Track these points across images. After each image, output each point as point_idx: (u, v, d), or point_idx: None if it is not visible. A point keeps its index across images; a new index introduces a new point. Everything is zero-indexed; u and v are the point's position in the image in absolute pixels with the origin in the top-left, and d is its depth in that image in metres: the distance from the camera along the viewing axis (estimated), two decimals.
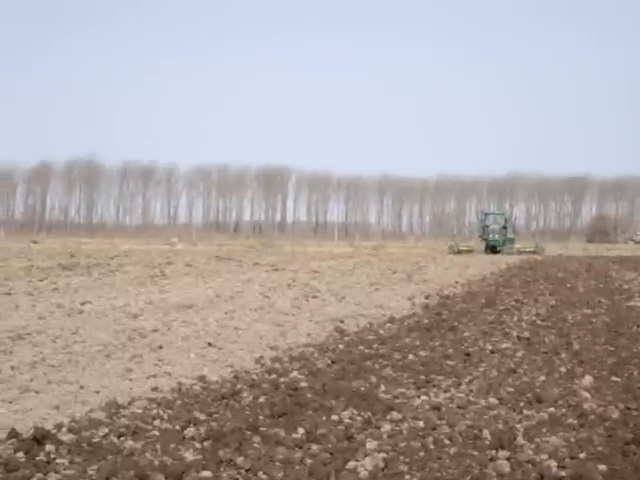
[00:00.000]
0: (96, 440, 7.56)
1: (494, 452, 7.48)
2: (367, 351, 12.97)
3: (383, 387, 10.19)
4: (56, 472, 6.72)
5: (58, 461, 6.99)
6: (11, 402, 9.06)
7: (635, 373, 11.37)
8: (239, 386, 10.09)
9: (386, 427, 8.32)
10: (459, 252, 60.60)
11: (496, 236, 63.42)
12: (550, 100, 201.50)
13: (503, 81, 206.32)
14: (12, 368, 10.78)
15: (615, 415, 8.86)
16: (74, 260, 35.52)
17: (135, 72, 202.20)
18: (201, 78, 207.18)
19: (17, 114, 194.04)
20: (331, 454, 7.32)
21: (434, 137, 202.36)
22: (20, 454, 7.08)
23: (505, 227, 64.89)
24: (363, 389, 9.96)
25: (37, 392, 9.60)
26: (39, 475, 6.63)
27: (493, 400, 9.58)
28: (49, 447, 7.26)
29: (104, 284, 24.03)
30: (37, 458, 7.02)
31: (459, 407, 9.30)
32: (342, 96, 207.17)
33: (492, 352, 13.14)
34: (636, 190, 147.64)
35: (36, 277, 25.70)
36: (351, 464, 7.05)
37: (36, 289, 21.58)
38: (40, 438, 7.41)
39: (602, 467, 7.01)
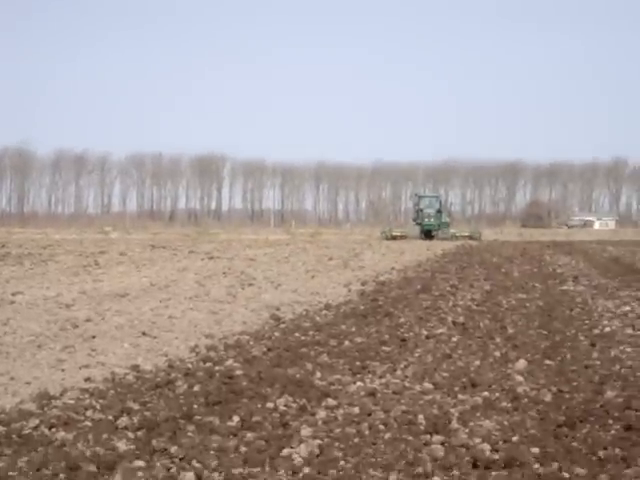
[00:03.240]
0: (26, 431, 7.45)
1: (429, 437, 7.50)
2: (303, 338, 12.95)
3: (319, 374, 10.17)
4: None
5: None
6: None
7: (568, 356, 11.49)
8: (173, 375, 10.01)
9: (321, 414, 8.31)
10: (393, 238, 59.74)
11: (431, 220, 62.15)
12: (485, 85, 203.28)
13: (438, 66, 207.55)
14: None
15: (548, 398, 8.95)
16: (5, 250, 35.09)
17: (69, 57, 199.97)
18: (134, 63, 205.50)
19: None
20: (266, 441, 7.28)
21: (370, 123, 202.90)
22: None
23: (440, 211, 63.62)
24: (298, 376, 9.94)
25: None
26: None
27: (428, 385, 9.61)
28: None
29: (36, 274, 23.75)
30: None
31: (394, 393, 9.32)
32: (276, 82, 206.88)
33: (427, 337, 13.19)
34: (569, 175, 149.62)
35: None
36: (286, 451, 7.02)
37: None
38: None
39: (535, 450, 7.06)
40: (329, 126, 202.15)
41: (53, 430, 7.56)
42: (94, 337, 12.83)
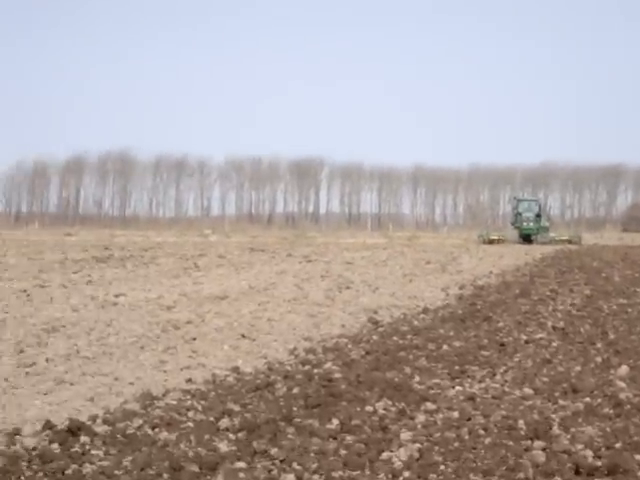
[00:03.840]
0: (131, 431, 7.60)
1: (529, 442, 7.43)
2: (401, 342, 12.94)
3: (417, 378, 10.16)
4: (91, 463, 6.75)
5: (93, 452, 7.02)
6: (46, 394, 9.11)
7: None
8: (273, 377, 10.10)
9: (420, 418, 8.30)
10: (490, 242, 58.63)
11: (530, 224, 60.47)
12: (584, 88, 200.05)
13: (536, 69, 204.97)
14: (47, 360, 10.85)
15: None
16: (108, 252, 35.65)
17: (167, 65, 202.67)
18: (230, 67, 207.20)
19: (51, 108, 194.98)
20: (365, 445, 7.30)
21: (466, 126, 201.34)
22: (55, 445, 7.12)
23: (539, 215, 61.70)
24: (397, 380, 9.93)
25: (72, 384, 9.65)
26: (74, 466, 6.65)
27: (528, 390, 9.53)
28: (84, 438, 7.30)
29: (138, 276, 24.11)
30: (72, 449, 7.05)
31: (494, 397, 9.27)
32: (376, 86, 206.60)
33: (527, 342, 13.07)
34: None
35: (70, 269, 25.81)
36: (385, 455, 7.04)
37: (70, 281, 21.67)
38: (75, 430, 7.45)
39: (638, 457, 6.95)
40: (426, 129, 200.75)
41: (156, 430, 7.70)
42: (195, 339, 13.00)
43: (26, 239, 55.39)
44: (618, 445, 7.35)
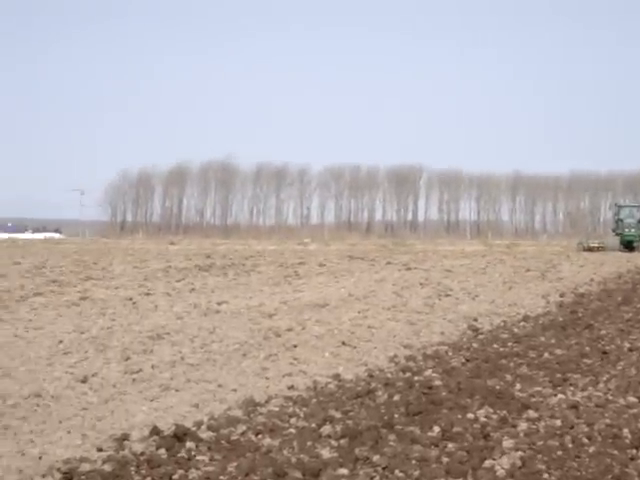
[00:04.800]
0: (235, 438, 7.72)
1: (634, 451, 7.36)
2: (502, 349, 12.88)
3: (519, 385, 10.12)
4: (197, 469, 6.87)
5: (198, 458, 7.14)
6: (152, 400, 9.30)
7: None
8: (374, 384, 10.15)
9: (522, 426, 8.26)
10: (589, 249, 57.33)
11: (632, 230, 58.99)
12: None
13: (633, 74, 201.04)
14: (152, 367, 11.05)
15: None
16: (210, 261, 36.05)
17: (270, 76, 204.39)
18: (334, 80, 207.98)
19: (156, 119, 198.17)
20: (467, 452, 7.30)
21: (566, 132, 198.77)
22: (162, 451, 7.27)
23: None
24: (498, 387, 9.91)
25: (177, 390, 9.83)
26: (181, 472, 6.78)
27: (632, 399, 9.42)
28: (190, 444, 7.44)
29: (239, 284, 24.34)
30: (178, 455, 7.19)
31: (597, 406, 9.18)
32: (473, 91, 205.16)
33: (630, 350, 12.91)
34: None
35: (174, 278, 26.19)
36: (488, 462, 7.03)
37: (174, 289, 22.00)
38: (181, 435, 7.60)
39: None
40: (525, 136, 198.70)
41: (259, 436, 7.80)
42: (296, 346, 13.11)
43: (131, 248, 56.36)
44: None
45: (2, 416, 8.29)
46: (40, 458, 6.98)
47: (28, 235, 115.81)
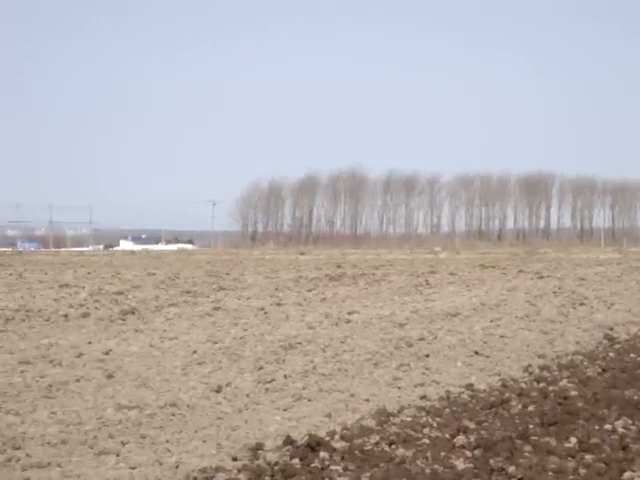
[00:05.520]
0: (368, 447, 7.70)
1: None
2: (639, 359, 12.58)
3: None
4: (331, 479, 6.87)
5: (332, 468, 7.14)
6: (285, 410, 9.35)
7: None
8: (507, 395, 10.03)
9: None
10: None
11: None
12: None
13: None
14: (285, 377, 11.12)
15: None
16: (341, 270, 36.18)
17: (395, 82, 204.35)
18: (461, 86, 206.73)
19: (284, 130, 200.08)
20: (606, 464, 7.14)
21: None
22: (296, 460, 7.29)
23: None
24: (636, 398, 9.67)
25: (309, 400, 9.86)
26: None
27: None
28: (323, 454, 7.44)
29: (370, 294, 24.37)
30: (312, 465, 7.20)
31: None
32: (603, 98, 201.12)
33: None
34: None
35: (304, 288, 26.36)
36: (627, 475, 6.86)
37: (305, 299, 22.14)
38: (314, 445, 7.61)
39: None
40: None
41: (393, 447, 7.76)
42: (427, 356, 13.05)
43: (262, 258, 57.03)
44: None
45: (140, 425, 8.45)
46: (177, 467, 7.08)
47: (162, 246, 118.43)
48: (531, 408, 9.21)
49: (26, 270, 35.23)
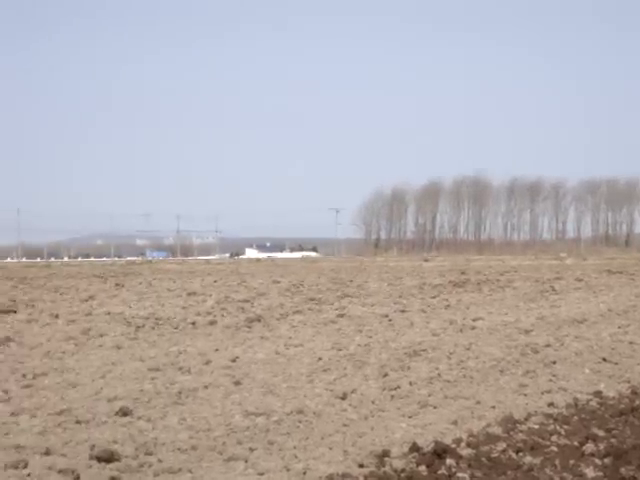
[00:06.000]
0: (495, 455, 7.64)
1: None
2: None
3: None
4: None
5: (459, 475, 7.10)
6: (411, 417, 9.34)
7: None
8: (638, 402, 9.85)
9: None
10: None
11: None
12: None
13: None
14: (410, 383, 11.11)
15: None
16: (465, 277, 35.95)
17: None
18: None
19: (407, 137, 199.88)
20: None
21: None
22: (422, 467, 7.28)
23: None
24: None
25: (435, 407, 9.83)
26: None
27: None
28: (450, 461, 7.41)
29: (494, 300, 24.18)
30: (439, 472, 7.17)
31: None
32: None
33: None
34: None
35: (428, 294, 26.27)
36: None
37: (429, 306, 22.06)
38: (440, 452, 7.59)
39: None
40: None
41: (520, 454, 7.69)
42: (554, 362, 12.88)
43: (385, 265, 57.03)
44: None
45: (267, 432, 8.54)
46: (304, 473, 7.14)
47: (286, 254, 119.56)
48: None
49: (155, 279, 35.90)
